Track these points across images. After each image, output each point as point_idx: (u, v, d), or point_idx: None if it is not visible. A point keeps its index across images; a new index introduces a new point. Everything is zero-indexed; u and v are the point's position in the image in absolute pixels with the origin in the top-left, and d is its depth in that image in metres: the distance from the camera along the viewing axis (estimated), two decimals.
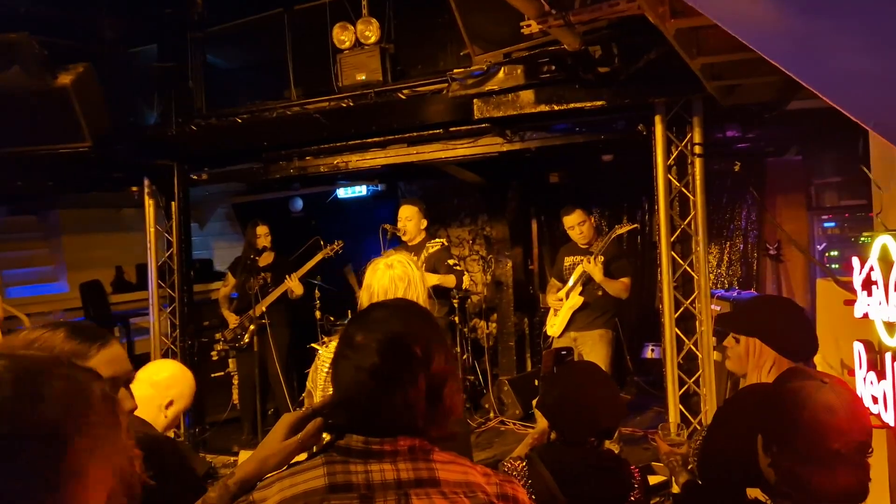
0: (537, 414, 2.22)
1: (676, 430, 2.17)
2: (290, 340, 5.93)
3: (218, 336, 6.38)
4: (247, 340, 5.74)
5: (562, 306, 4.99)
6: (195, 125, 5.51)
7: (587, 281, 4.93)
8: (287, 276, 5.70)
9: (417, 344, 1.24)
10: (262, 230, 5.88)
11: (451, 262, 5.07)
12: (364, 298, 2.42)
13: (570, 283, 5.01)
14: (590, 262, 4.73)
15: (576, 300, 4.94)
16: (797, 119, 4.64)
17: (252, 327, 5.72)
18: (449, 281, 4.91)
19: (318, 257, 5.74)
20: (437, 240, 5.21)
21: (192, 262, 6.38)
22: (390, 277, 2.38)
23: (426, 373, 1.24)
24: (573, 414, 2.02)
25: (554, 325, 5.06)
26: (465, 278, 5.07)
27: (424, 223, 5.23)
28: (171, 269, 6.05)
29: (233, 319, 5.89)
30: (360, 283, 2.61)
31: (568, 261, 5.11)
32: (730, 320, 2.09)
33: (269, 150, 5.77)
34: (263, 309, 5.69)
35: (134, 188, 6.21)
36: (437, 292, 4.89)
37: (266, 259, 5.94)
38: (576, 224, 4.99)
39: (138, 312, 6.98)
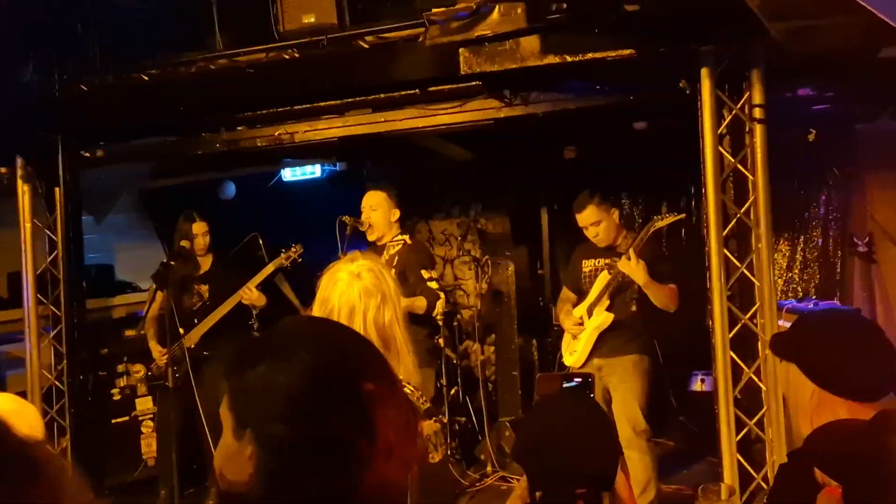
0: None
1: (727, 495, 2.16)
2: None
3: (138, 369, 6.31)
4: (176, 378, 5.64)
5: (582, 329, 5.00)
6: (86, 85, 5.47)
7: (617, 291, 4.94)
8: (247, 287, 5.66)
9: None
10: (199, 227, 5.85)
11: (425, 273, 5.05)
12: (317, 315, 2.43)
13: (593, 295, 5.00)
14: (629, 260, 4.72)
15: (603, 318, 4.94)
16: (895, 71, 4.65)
17: (182, 362, 5.65)
18: (417, 305, 4.87)
19: (270, 268, 5.71)
20: (400, 236, 5.19)
21: (86, 269, 6.34)
22: (359, 291, 2.40)
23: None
24: (549, 461, 2.04)
25: (575, 352, 5.07)
26: (440, 302, 5.02)
27: (396, 214, 5.23)
28: (55, 279, 5.99)
29: (158, 352, 5.83)
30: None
31: (587, 265, 5.12)
32: (774, 338, 2.14)
33: (187, 117, 5.75)
34: (197, 338, 5.69)
35: (2, 170, 6.14)
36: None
37: (202, 266, 5.92)
38: (588, 224, 5.01)
39: (11, 338, 6.89)
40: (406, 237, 5.22)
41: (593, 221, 4.99)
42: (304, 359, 1.22)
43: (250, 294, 5.67)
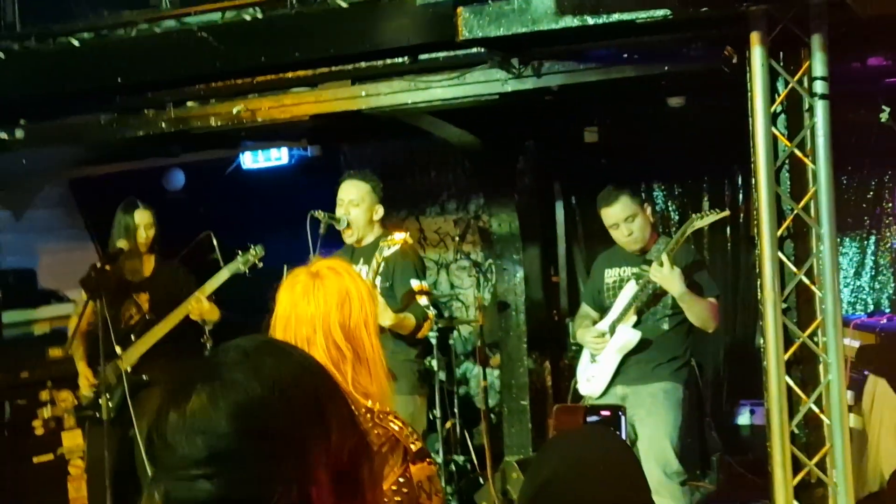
0: None
1: None
2: None
3: (65, 397, 6.29)
4: (110, 408, 5.61)
5: (603, 347, 4.99)
6: (3, 51, 5.48)
7: (646, 305, 4.96)
8: (196, 298, 5.59)
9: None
10: (143, 216, 5.77)
11: (416, 285, 5.03)
12: (277, 332, 2.42)
13: (618, 309, 5.00)
14: (662, 266, 4.72)
15: (628, 337, 4.94)
16: None
17: (117, 388, 5.63)
18: (405, 325, 4.87)
19: (225, 274, 5.68)
20: (395, 236, 5.16)
21: (2, 274, 6.41)
22: (318, 294, 2.39)
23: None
24: None
25: (592, 378, 5.07)
26: (427, 324, 5.00)
27: (379, 212, 5.23)
28: None
29: (88, 376, 5.79)
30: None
31: (610, 275, 5.14)
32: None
33: (126, 91, 5.76)
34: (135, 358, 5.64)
35: None
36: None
37: (143, 270, 5.89)
38: (621, 221, 4.98)
39: None
40: (407, 236, 5.13)
41: (627, 217, 4.96)
42: (225, 409, 1.20)
43: (200, 306, 5.61)
